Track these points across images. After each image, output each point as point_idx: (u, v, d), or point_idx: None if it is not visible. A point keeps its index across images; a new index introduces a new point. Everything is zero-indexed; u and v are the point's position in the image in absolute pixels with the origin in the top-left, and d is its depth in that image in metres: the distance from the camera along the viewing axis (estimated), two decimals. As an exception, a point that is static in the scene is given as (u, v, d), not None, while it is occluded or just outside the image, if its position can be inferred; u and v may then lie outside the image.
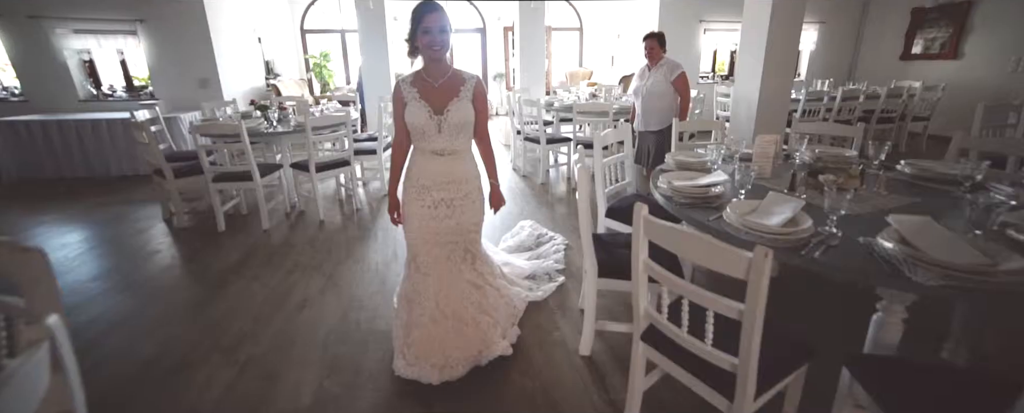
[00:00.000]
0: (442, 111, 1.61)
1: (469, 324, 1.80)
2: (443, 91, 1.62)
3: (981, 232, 1.20)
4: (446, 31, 1.55)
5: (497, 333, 1.85)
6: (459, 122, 1.63)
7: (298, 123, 3.69)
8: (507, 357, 1.82)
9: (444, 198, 1.72)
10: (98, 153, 4.73)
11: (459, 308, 1.81)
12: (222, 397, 1.69)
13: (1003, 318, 1.91)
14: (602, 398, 1.66)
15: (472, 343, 1.77)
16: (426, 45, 1.55)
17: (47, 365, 0.66)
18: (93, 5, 5.15)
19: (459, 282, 1.83)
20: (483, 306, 1.86)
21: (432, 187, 1.72)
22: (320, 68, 8.96)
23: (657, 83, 3.32)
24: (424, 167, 1.71)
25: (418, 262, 1.79)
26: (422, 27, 1.52)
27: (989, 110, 3.05)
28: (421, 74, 1.65)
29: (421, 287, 1.78)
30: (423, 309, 1.77)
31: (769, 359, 1.15)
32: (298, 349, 1.97)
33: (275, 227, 3.43)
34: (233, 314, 2.25)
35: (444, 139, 1.66)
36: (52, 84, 5.31)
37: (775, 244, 1.26)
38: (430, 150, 1.69)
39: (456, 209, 1.75)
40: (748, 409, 1.11)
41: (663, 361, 1.32)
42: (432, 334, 1.74)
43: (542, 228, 3.13)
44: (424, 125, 1.63)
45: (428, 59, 1.61)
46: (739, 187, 1.66)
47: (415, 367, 1.70)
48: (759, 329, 1.00)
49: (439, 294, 1.78)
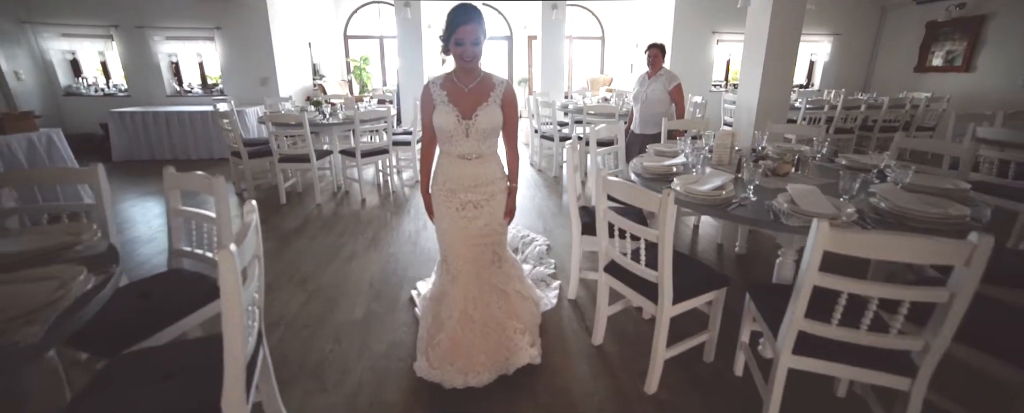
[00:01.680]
0: (470, 116, 1.60)
1: (496, 329, 1.77)
2: (473, 95, 1.61)
3: (849, 197, 1.65)
4: (479, 43, 1.53)
5: (525, 340, 1.80)
6: (487, 127, 1.62)
7: (347, 116, 4.37)
8: (535, 366, 1.79)
9: (471, 200, 1.72)
10: (181, 139, 5.60)
11: (487, 312, 1.78)
12: (299, 310, 2.30)
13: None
14: (581, 326, 2.17)
15: (499, 349, 1.74)
16: (458, 55, 1.56)
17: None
18: (184, 15, 6.12)
19: (487, 286, 1.81)
20: (510, 311, 1.83)
21: (458, 190, 1.71)
22: (360, 70, 9.80)
23: (656, 91, 3.78)
24: (450, 171, 1.71)
25: (448, 264, 1.79)
26: (455, 37, 1.52)
27: (960, 117, 3.38)
28: (451, 77, 1.64)
29: (450, 289, 1.78)
30: (450, 311, 1.75)
31: (690, 281, 1.66)
32: (350, 285, 2.57)
33: (325, 202, 4.10)
34: (300, 260, 2.88)
35: (471, 143, 1.64)
36: (148, 82, 6.32)
37: (704, 202, 1.75)
38: (457, 154, 1.67)
39: (483, 210, 1.74)
40: (667, 311, 1.61)
41: (616, 284, 1.82)
42: (458, 337, 1.72)
43: (525, 230, 3.27)
44: (452, 129, 1.61)
45: (459, 65, 1.62)
46: (692, 167, 2.15)
47: (438, 370, 1.68)
48: (669, 248, 1.50)
49: (467, 297, 1.77)
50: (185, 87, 6.66)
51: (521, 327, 1.81)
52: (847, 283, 1.20)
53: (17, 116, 3.34)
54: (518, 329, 1.80)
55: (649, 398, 1.70)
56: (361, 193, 4.22)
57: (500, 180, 1.77)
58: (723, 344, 1.87)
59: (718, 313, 1.81)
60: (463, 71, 1.63)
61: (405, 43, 6.52)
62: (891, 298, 1.17)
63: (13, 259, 1.24)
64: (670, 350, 1.73)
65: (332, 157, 4.44)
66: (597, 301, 1.97)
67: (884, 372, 1.27)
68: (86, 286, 1.09)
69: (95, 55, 6.32)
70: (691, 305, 1.69)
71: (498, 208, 1.78)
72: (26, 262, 1.21)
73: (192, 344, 1.42)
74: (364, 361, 1.90)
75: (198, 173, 1.70)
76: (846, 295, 1.22)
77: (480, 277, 1.80)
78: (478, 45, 1.54)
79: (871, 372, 1.28)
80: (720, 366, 1.86)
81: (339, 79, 9.49)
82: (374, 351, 1.97)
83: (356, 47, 9.90)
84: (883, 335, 1.23)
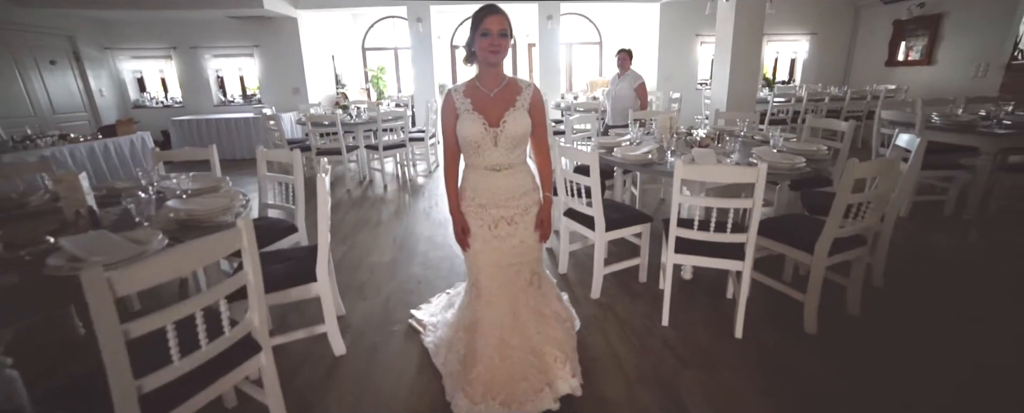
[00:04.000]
0: (498, 122, 1.50)
1: (536, 355, 1.66)
2: (499, 101, 1.52)
3: (737, 155, 2.35)
4: (507, 35, 1.46)
5: (566, 369, 1.67)
6: (516, 134, 1.52)
7: (370, 117, 5.19)
8: (575, 397, 1.64)
9: (504, 215, 1.60)
10: (227, 141, 6.53)
11: (525, 338, 1.66)
12: (342, 257, 3.08)
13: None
14: (552, 260, 2.89)
15: (539, 377, 1.63)
16: (485, 48, 1.45)
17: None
18: (229, 36, 7.13)
19: (524, 310, 1.69)
20: (549, 336, 1.71)
21: (490, 205, 1.60)
22: (377, 79, 10.73)
23: (623, 88, 4.50)
24: (479, 185, 1.60)
25: (480, 287, 1.66)
26: (482, 29, 1.43)
27: (887, 103, 4.00)
28: (474, 83, 1.55)
29: (484, 315, 1.64)
30: (487, 340, 1.62)
31: (621, 218, 2.38)
32: (379, 242, 3.35)
33: (354, 188, 4.92)
34: (339, 226, 3.68)
35: (500, 153, 1.54)
36: (199, 93, 7.37)
37: (634, 162, 2.47)
38: (485, 166, 1.57)
39: (518, 226, 1.62)
40: (602, 236, 2.32)
41: (573, 225, 2.54)
42: (498, 368, 1.60)
43: None
44: (479, 138, 1.51)
45: (485, 64, 1.51)
46: (635, 142, 2.86)
47: (481, 405, 1.54)
48: (598, 190, 2.21)
49: (504, 324, 1.64)
50: (228, 97, 7.65)
51: (561, 356, 1.68)
52: (698, 199, 1.90)
53: (125, 123, 4.36)
54: (558, 358, 1.67)
55: (594, 301, 2.40)
56: (383, 180, 5.03)
57: (533, 191, 1.66)
58: (656, 269, 2.57)
59: (646, 243, 2.51)
60: (487, 74, 1.54)
61: (418, 53, 7.37)
62: (724, 207, 1.88)
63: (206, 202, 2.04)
64: (609, 268, 2.44)
65: (358, 151, 5.26)
66: (560, 241, 2.70)
67: (727, 258, 1.96)
68: (241, 204, 1.88)
69: (156, 73, 7.38)
70: (622, 234, 2.40)
71: (532, 223, 1.66)
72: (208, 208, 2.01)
73: (289, 250, 2.20)
74: (391, 285, 2.67)
75: (280, 149, 2.49)
76: (701, 209, 1.93)
77: (517, 299, 1.67)
78: (505, 36, 1.46)
79: (719, 260, 1.98)
80: (650, 284, 2.55)
81: (359, 87, 10.43)
82: (398, 278, 2.74)
83: (373, 58, 10.84)
84: (723, 234, 1.92)
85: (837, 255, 1.97)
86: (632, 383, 1.78)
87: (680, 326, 2.14)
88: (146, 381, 1.06)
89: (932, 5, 6.48)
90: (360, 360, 1.97)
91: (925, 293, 2.41)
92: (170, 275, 1.07)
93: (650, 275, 2.58)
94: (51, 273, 1.15)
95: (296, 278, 1.83)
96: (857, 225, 1.96)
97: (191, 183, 2.07)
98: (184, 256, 1.09)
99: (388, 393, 1.76)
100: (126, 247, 1.31)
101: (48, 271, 1.16)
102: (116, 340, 0.97)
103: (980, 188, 3.23)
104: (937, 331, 2.07)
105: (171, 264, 1.07)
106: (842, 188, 1.84)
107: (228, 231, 1.19)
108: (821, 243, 1.91)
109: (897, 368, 1.83)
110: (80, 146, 4.09)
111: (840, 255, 1.98)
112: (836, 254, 1.96)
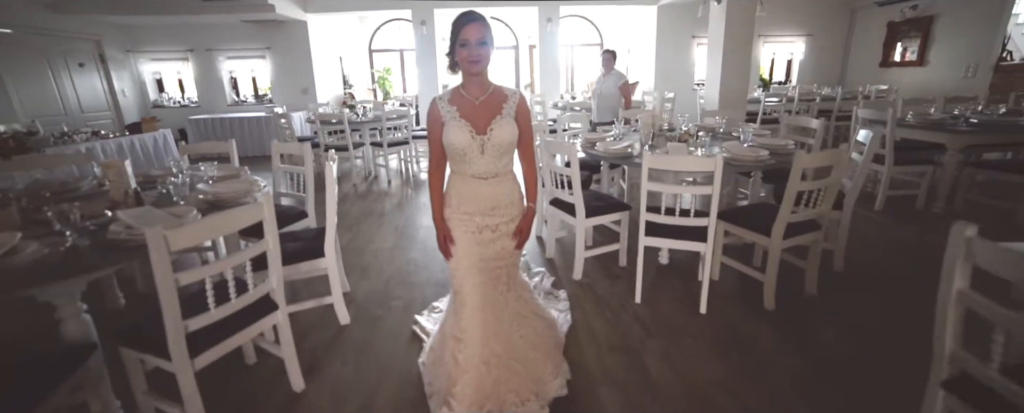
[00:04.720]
0: (485, 130, 1.50)
1: (520, 361, 1.68)
2: (485, 108, 1.51)
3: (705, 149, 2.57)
4: (487, 44, 1.43)
5: (548, 371, 1.71)
6: (503, 142, 1.51)
7: (376, 115, 5.46)
8: (562, 397, 1.68)
9: (488, 224, 1.60)
10: (240, 139, 6.84)
11: (509, 345, 1.68)
12: (348, 242, 3.34)
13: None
14: (540, 246, 3.13)
15: (525, 384, 1.64)
16: (464, 59, 1.44)
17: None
18: (242, 38, 7.46)
19: (505, 315, 1.70)
20: (531, 340, 1.75)
21: (475, 214, 1.59)
22: (383, 80, 11.04)
23: (608, 87, 4.73)
24: (465, 193, 1.58)
25: (464, 295, 1.63)
26: (460, 39, 1.42)
27: (907, 102, 4.21)
28: (460, 91, 1.54)
29: (467, 325, 1.62)
30: (472, 350, 1.61)
31: (601, 206, 2.60)
32: (384, 229, 3.61)
33: (360, 183, 5.19)
34: (345, 216, 3.95)
35: (487, 161, 1.53)
36: (214, 94, 7.73)
37: (614, 155, 2.69)
38: (471, 174, 1.56)
39: (501, 233, 1.63)
40: (582, 222, 2.55)
41: (558, 213, 2.77)
42: (483, 378, 1.59)
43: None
44: (465, 146, 1.50)
45: (467, 74, 1.50)
46: (618, 138, 3.09)
47: None
48: (578, 178, 2.44)
49: (487, 331, 1.64)
50: (241, 97, 7.98)
51: (542, 357, 1.74)
52: (665, 187, 2.13)
53: (149, 121, 4.79)
54: (539, 359, 1.73)
55: (576, 282, 2.63)
56: (387, 175, 5.30)
57: (519, 202, 1.66)
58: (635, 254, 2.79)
59: (625, 230, 2.74)
60: (472, 82, 1.52)
61: (422, 55, 7.64)
62: (705, 195, 2.10)
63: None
64: (590, 252, 2.67)
65: (364, 148, 5.53)
66: (547, 227, 2.93)
67: (693, 241, 2.19)
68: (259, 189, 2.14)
69: (174, 74, 7.75)
70: (602, 221, 2.63)
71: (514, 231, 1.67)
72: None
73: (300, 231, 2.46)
74: (392, 267, 2.92)
75: (292, 142, 2.76)
76: (671, 196, 2.15)
77: (497, 304, 1.68)
78: (484, 46, 1.43)
79: (687, 242, 2.20)
80: (629, 268, 2.77)
81: (365, 87, 10.74)
82: (398, 262, 3.00)
83: (379, 59, 11.15)
84: (687, 218, 2.15)
85: (792, 238, 2.18)
86: (603, 349, 2.01)
87: (651, 303, 2.37)
88: (191, 322, 1.32)
89: (924, 7, 6.62)
90: (363, 328, 2.23)
91: (882, 278, 2.61)
92: (209, 236, 1.33)
93: (629, 259, 2.80)
94: (112, 237, 1.42)
95: (307, 254, 2.09)
96: (810, 211, 2.17)
97: (216, 171, 2.34)
98: (220, 221, 1.35)
99: (386, 356, 2.01)
100: (169, 219, 1.58)
101: (110, 236, 1.43)
102: (170, 286, 1.22)
103: (948, 183, 3.41)
104: (887, 312, 2.27)
105: (211, 227, 1.33)
106: (792, 176, 2.05)
107: (254, 204, 1.45)
108: (776, 226, 2.13)
109: (844, 340, 2.04)
110: (110, 142, 4.46)
111: (794, 238, 2.19)
112: (791, 237, 2.17)
